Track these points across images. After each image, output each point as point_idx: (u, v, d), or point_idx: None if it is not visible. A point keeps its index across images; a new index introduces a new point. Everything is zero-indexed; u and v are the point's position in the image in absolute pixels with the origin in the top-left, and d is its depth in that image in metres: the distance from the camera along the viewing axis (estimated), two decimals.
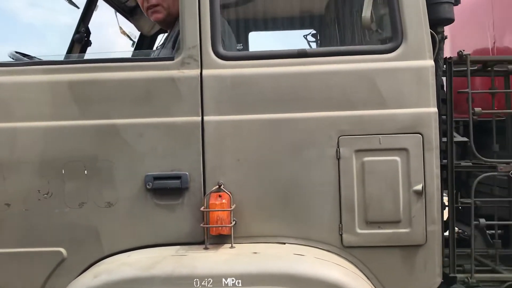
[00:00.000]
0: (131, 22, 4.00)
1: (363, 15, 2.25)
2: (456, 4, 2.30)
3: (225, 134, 2.12)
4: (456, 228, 3.20)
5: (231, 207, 2.04)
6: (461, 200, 2.48)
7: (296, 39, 4.38)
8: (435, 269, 2.11)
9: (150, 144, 2.12)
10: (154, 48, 4.23)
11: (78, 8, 3.37)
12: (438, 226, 2.11)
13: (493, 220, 2.55)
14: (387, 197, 2.10)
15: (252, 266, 1.93)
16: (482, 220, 2.35)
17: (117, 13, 3.84)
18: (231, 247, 2.06)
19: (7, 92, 2.16)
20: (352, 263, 2.10)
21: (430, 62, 2.11)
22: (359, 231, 2.11)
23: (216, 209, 2.02)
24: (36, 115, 2.14)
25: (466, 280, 2.34)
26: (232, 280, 1.88)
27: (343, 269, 2.00)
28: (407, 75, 2.11)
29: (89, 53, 3.47)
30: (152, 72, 2.15)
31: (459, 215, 2.86)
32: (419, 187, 2.08)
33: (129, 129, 2.13)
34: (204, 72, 2.13)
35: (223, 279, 1.88)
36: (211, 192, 2.07)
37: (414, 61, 2.11)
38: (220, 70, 2.14)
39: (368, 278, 2.09)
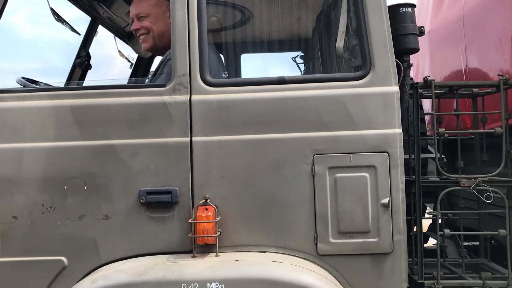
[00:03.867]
0: (129, 45, 4.26)
1: (337, 45, 2.50)
2: (421, 35, 2.54)
3: (211, 153, 2.33)
4: (433, 239, 3.44)
5: (216, 219, 2.25)
6: (428, 212, 2.69)
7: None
8: (401, 274, 2.31)
9: (144, 162, 2.34)
10: (150, 70, 4.49)
11: (79, 34, 3.62)
12: (404, 236, 2.31)
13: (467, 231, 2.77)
14: (357, 209, 2.30)
15: (234, 272, 2.14)
16: (447, 231, 2.56)
17: (116, 38, 4.10)
18: (216, 255, 2.26)
19: (15, 115, 2.38)
20: (326, 269, 2.30)
21: (395, 88, 2.34)
22: (332, 240, 2.31)
23: (203, 221, 2.22)
24: (41, 136, 2.36)
25: (433, 286, 2.53)
26: (216, 284, 2.09)
27: (317, 274, 2.20)
28: (375, 99, 2.33)
29: (90, 80, 3.72)
30: (147, 97, 2.37)
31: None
32: (386, 200, 2.29)
33: (125, 148, 2.34)
34: (193, 97, 2.36)
35: (208, 284, 2.09)
36: (198, 206, 2.27)
37: (381, 87, 2.33)
38: (207, 95, 2.37)
39: (340, 283, 2.29)
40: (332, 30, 3.15)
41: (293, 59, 4.44)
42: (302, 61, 4.47)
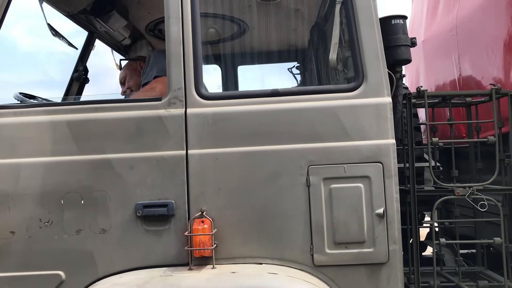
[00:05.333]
0: (126, 58, 4.29)
1: (329, 57, 2.52)
2: (413, 46, 2.57)
3: (207, 166, 2.35)
4: (431, 247, 3.44)
5: (212, 232, 2.26)
6: (424, 221, 2.71)
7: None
8: (397, 284, 2.31)
9: (140, 176, 2.35)
10: None
11: (76, 49, 3.66)
12: (399, 246, 2.32)
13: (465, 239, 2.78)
14: (353, 220, 2.32)
15: (230, 283, 2.14)
16: (443, 240, 2.58)
17: (113, 51, 4.14)
18: (213, 267, 2.26)
19: (12, 131, 2.41)
20: (322, 280, 2.31)
21: (388, 99, 2.36)
22: (328, 251, 2.32)
23: (199, 234, 2.23)
24: (38, 151, 2.38)
25: None
26: None
27: (313, 285, 2.20)
28: (368, 111, 2.35)
29: (88, 93, 3.77)
30: (142, 111, 2.40)
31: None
32: (380, 210, 2.30)
33: (122, 162, 2.36)
34: (188, 110, 2.39)
35: None
36: (194, 218, 2.28)
37: (374, 99, 2.36)
38: (202, 108, 2.39)
39: None
40: (326, 42, 3.19)
41: (290, 70, 4.49)
42: (298, 71, 4.51)
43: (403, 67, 2.66)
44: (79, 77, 3.72)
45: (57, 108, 2.46)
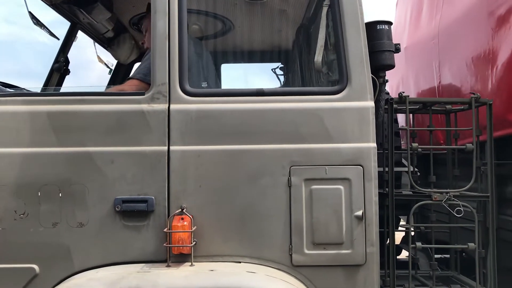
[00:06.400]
0: (108, 51, 4.24)
1: (315, 59, 2.54)
2: (397, 52, 2.61)
3: (189, 163, 2.34)
4: (406, 251, 3.49)
5: (192, 229, 2.25)
6: (401, 225, 2.75)
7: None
8: (373, 286, 2.34)
9: (120, 170, 2.32)
10: None
11: (58, 39, 3.59)
12: (376, 248, 2.35)
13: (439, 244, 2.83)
14: (332, 221, 2.33)
15: (208, 281, 2.14)
16: (418, 244, 2.62)
17: (96, 43, 4.08)
18: (191, 265, 2.25)
19: None
20: (300, 280, 2.32)
21: (371, 103, 2.39)
22: (307, 251, 2.33)
23: (178, 231, 2.22)
24: (15, 142, 2.33)
25: None
26: None
27: (291, 285, 2.21)
28: (351, 114, 2.37)
29: (67, 87, 3.70)
30: (125, 105, 2.37)
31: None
32: (359, 212, 2.33)
33: (102, 156, 2.33)
34: (172, 106, 2.37)
35: None
36: (174, 215, 2.27)
37: (357, 102, 2.38)
38: (185, 105, 2.37)
39: None
40: (311, 44, 3.21)
41: (273, 70, 4.50)
42: (281, 72, 4.53)
43: (386, 72, 2.69)
44: (60, 68, 3.66)
45: (36, 98, 2.40)
